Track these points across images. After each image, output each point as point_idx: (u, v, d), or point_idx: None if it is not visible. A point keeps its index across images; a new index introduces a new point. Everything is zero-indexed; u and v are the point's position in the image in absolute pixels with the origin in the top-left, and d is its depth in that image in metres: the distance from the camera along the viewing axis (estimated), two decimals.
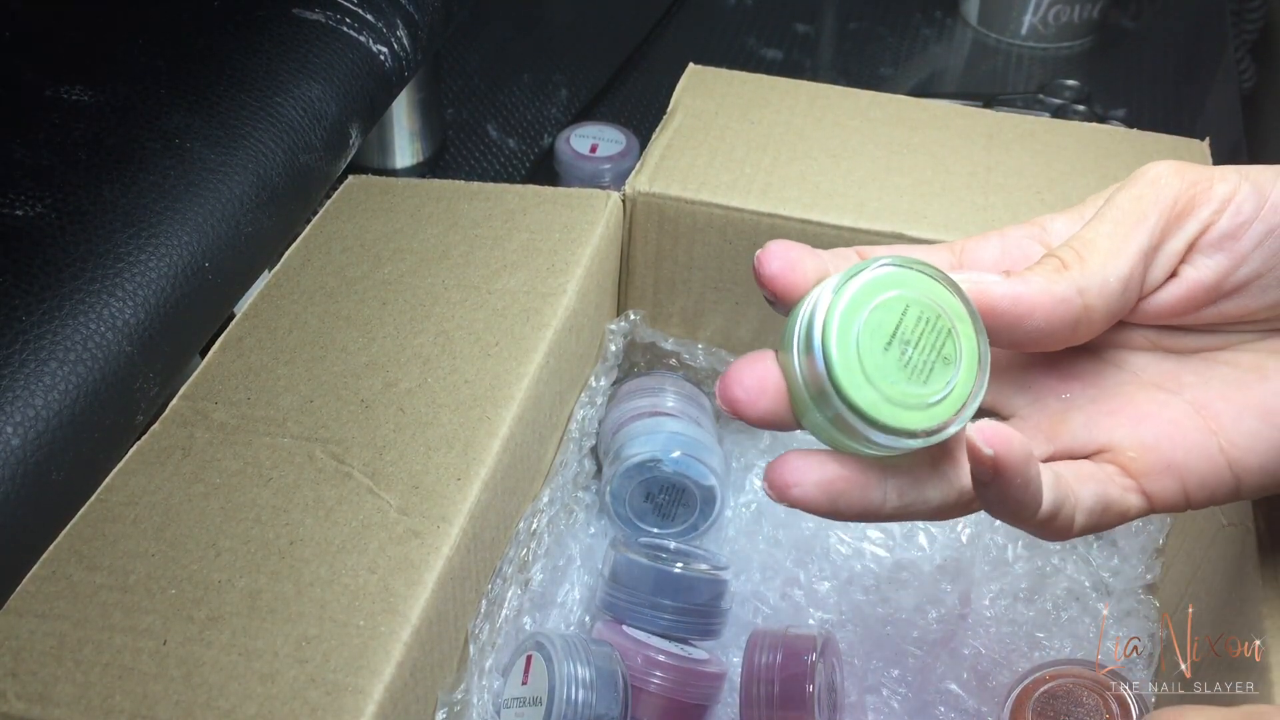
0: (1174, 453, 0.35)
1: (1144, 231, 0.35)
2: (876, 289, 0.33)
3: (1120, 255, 0.35)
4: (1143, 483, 0.36)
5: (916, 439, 0.33)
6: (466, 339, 0.50)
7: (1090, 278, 0.34)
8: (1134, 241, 0.35)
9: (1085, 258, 0.35)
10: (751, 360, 0.34)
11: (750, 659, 0.49)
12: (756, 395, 0.34)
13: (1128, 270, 0.35)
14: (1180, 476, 0.35)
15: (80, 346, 0.41)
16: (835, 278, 0.34)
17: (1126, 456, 0.36)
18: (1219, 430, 0.35)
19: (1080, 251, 0.35)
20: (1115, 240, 0.35)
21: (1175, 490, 0.36)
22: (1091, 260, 0.35)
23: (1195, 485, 0.35)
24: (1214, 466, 0.35)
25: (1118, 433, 0.36)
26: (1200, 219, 0.35)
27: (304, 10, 0.56)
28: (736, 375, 0.34)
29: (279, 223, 0.51)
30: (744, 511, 0.59)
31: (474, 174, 0.86)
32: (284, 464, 0.45)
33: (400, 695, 0.39)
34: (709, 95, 0.64)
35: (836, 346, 0.32)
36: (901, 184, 0.58)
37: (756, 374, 0.34)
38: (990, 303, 0.34)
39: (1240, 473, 0.35)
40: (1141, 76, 0.99)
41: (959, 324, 0.33)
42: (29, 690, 0.37)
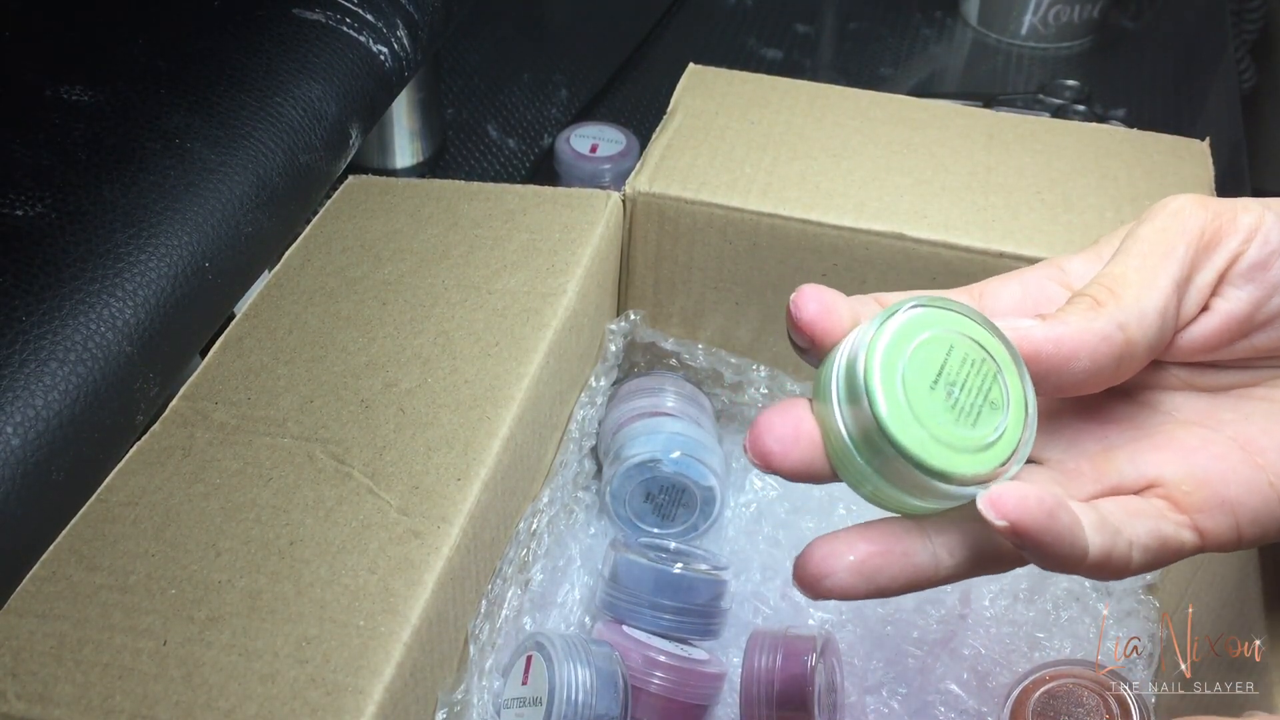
0: (1227, 488, 0.34)
1: (1174, 263, 0.34)
2: (917, 328, 0.32)
3: (1153, 288, 0.34)
4: (1196, 519, 0.34)
5: (969, 486, 0.31)
6: (466, 339, 0.50)
7: (1128, 311, 0.33)
8: (1165, 274, 0.34)
9: (1119, 293, 0.34)
10: (783, 408, 0.33)
11: (750, 659, 0.49)
12: (790, 445, 0.32)
13: (1163, 302, 0.34)
14: (1234, 512, 0.34)
15: (80, 346, 0.41)
16: (870, 321, 0.32)
17: (1180, 491, 0.34)
18: (1266, 465, 0.34)
19: (1112, 288, 0.34)
20: (1145, 274, 0.34)
21: (1229, 526, 0.34)
22: (1125, 295, 0.34)
23: (1248, 521, 0.34)
24: (1266, 502, 0.34)
25: (1167, 468, 0.35)
26: (1229, 250, 0.35)
27: (304, 10, 0.56)
28: (768, 424, 0.32)
29: (279, 223, 0.51)
30: (744, 511, 0.59)
31: (474, 174, 0.86)
32: (284, 464, 0.45)
33: (400, 695, 0.39)
34: (709, 95, 0.64)
35: (882, 388, 0.31)
36: (901, 184, 0.58)
37: (790, 422, 0.32)
38: (1034, 348, 0.33)
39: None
40: (1141, 76, 0.99)
41: (1003, 366, 0.32)
42: (29, 690, 0.37)
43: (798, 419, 0.33)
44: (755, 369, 0.60)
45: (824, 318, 0.33)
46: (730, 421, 0.63)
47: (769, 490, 0.59)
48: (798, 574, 0.32)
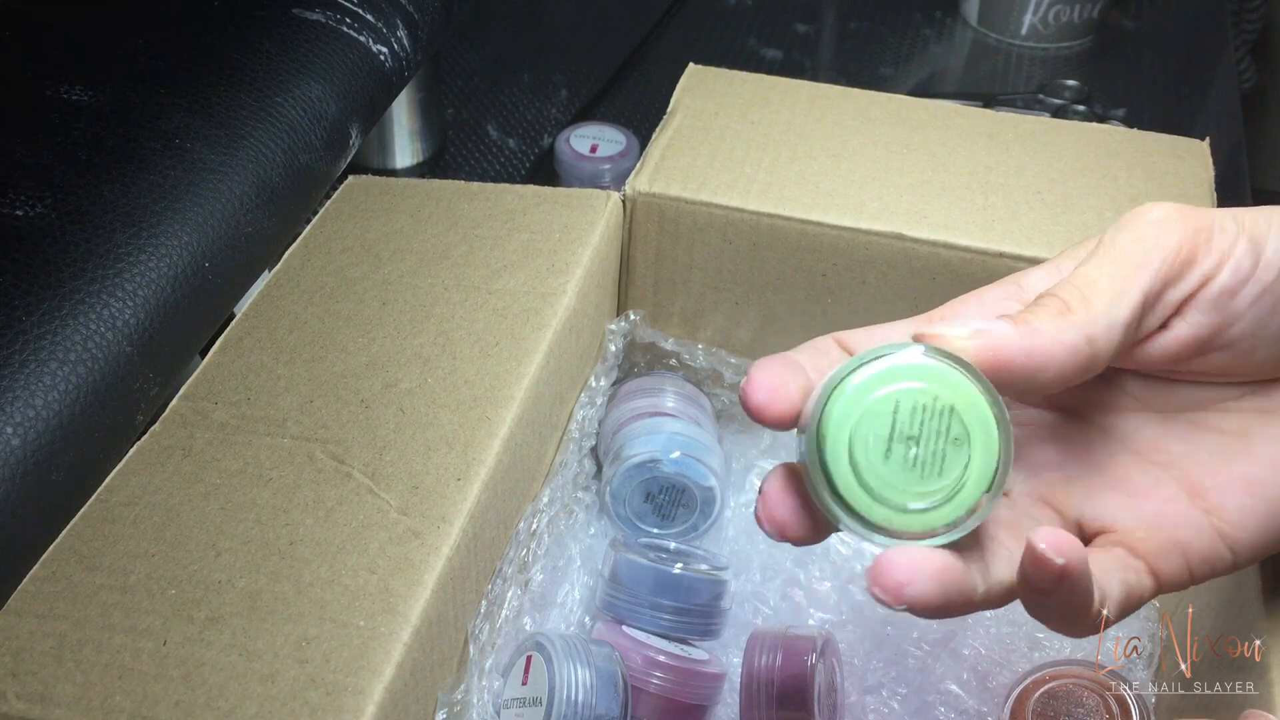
0: (1178, 531, 0.35)
1: (1147, 276, 0.34)
2: (860, 396, 0.32)
3: (1123, 299, 0.34)
4: (1151, 563, 0.35)
5: (955, 530, 0.32)
6: (466, 339, 0.50)
7: (1096, 323, 0.33)
8: (1137, 285, 0.34)
9: (1089, 300, 0.33)
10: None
11: (750, 659, 0.49)
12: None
13: (1130, 315, 0.34)
14: (1185, 555, 0.35)
15: (80, 346, 0.41)
16: (817, 396, 0.33)
17: (1134, 537, 0.35)
18: (1211, 509, 0.35)
19: (1084, 293, 0.34)
20: (1118, 283, 0.34)
21: (1181, 568, 0.35)
22: (1095, 304, 0.33)
23: (1198, 562, 0.35)
24: (1213, 544, 0.35)
25: (1122, 513, 0.36)
26: (1201, 272, 0.34)
27: (304, 10, 0.56)
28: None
29: (279, 223, 0.51)
30: (744, 511, 0.59)
31: (474, 174, 0.86)
32: (284, 464, 0.45)
33: (400, 695, 0.39)
34: (709, 95, 0.64)
35: (837, 477, 0.32)
36: (901, 184, 0.58)
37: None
38: (1007, 356, 0.32)
39: (1234, 547, 0.35)
40: (1141, 76, 0.99)
41: (958, 397, 0.32)
42: (29, 690, 0.37)
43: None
44: None
45: (773, 403, 0.33)
46: (730, 421, 0.63)
47: None
48: (879, 581, 0.32)
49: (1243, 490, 0.35)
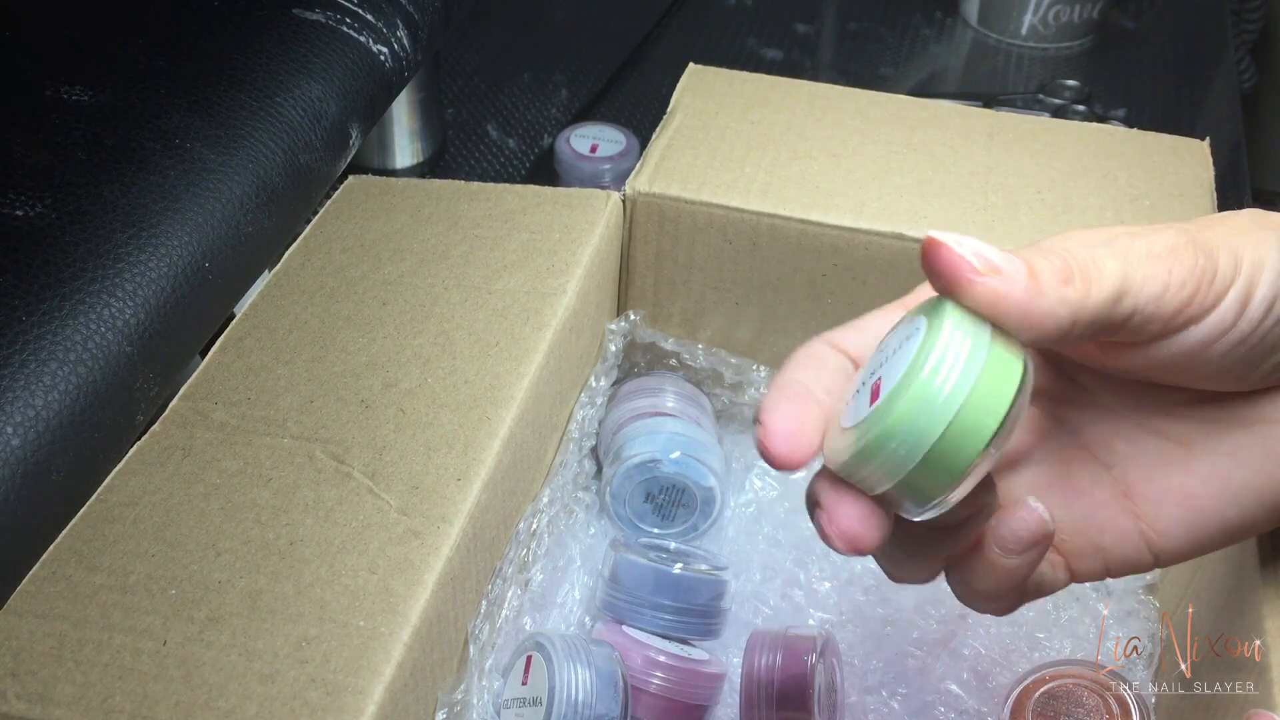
0: (1101, 537, 0.36)
1: (1147, 289, 0.32)
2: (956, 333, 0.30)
3: (1119, 301, 0.32)
4: (1070, 560, 0.36)
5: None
6: (466, 339, 0.50)
7: (1086, 309, 0.31)
8: (1133, 293, 0.32)
9: (1092, 282, 0.31)
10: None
11: (750, 659, 0.49)
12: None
13: (1117, 318, 0.32)
14: (1104, 558, 0.36)
15: (80, 346, 0.41)
16: (930, 341, 0.30)
17: (1059, 538, 0.36)
18: (1141, 515, 0.36)
19: (1091, 272, 0.32)
20: (1125, 281, 0.32)
21: (1098, 568, 0.37)
22: (1095, 292, 0.31)
23: (1116, 563, 0.36)
24: (1136, 550, 0.36)
25: (1055, 510, 0.35)
26: (1188, 314, 0.33)
27: (304, 10, 0.56)
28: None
29: (279, 223, 0.51)
30: (744, 511, 0.59)
31: (474, 174, 0.86)
32: (284, 464, 0.45)
33: (400, 695, 0.39)
34: (709, 95, 0.64)
35: (980, 445, 0.29)
36: (901, 184, 0.58)
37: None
38: (1003, 307, 0.30)
39: (1158, 553, 0.36)
40: (1141, 76, 0.99)
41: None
42: (29, 690, 0.37)
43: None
44: (755, 369, 0.60)
45: (795, 451, 0.31)
46: (730, 421, 0.63)
47: (769, 490, 0.59)
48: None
49: (1175, 502, 0.35)
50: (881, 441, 0.30)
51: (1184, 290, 0.32)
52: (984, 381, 0.29)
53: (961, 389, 0.29)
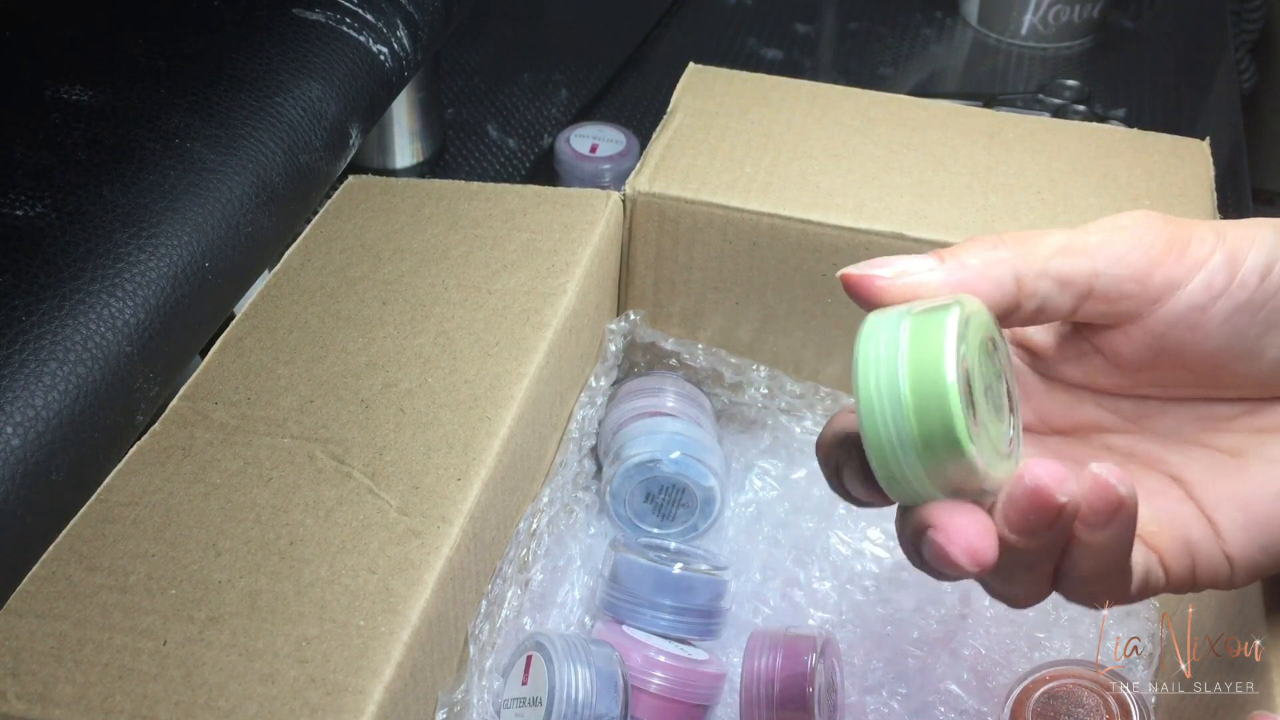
0: (1188, 530, 0.34)
1: (1103, 253, 0.34)
2: (966, 331, 0.30)
3: (1068, 257, 0.33)
4: (1164, 557, 0.34)
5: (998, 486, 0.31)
6: (466, 339, 0.50)
7: (1029, 265, 0.33)
8: (1087, 254, 0.33)
9: (1028, 243, 0.33)
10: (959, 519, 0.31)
11: (750, 659, 0.49)
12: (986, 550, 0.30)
13: (1068, 272, 0.33)
14: (1193, 556, 0.34)
15: (80, 346, 0.41)
16: (914, 319, 0.30)
17: (1149, 530, 0.34)
18: (1209, 520, 0.35)
19: (1026, 237, 0.34)
20: (1070, 242, 0.33)
21: (1188, 569, 0.34)
22: (1035, 248, 0.33)
23: (1202, 566, 0.34)
24: (1215, 551, 0.34)
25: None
26: (1167, 276, 0.34)
27: (304, 10, 0.56)
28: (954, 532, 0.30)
29: (279, 223, 0.51)
30: (744, 511, 0.59)
31: (474, 174, 0.86)
32: (284, 464, 0.45)
33: (400, 695, 0.39)
34: (709, 95, 0.64)
35: (958, 401, 0.29)
36: (901, 184, 0.58)
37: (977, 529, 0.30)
38: (931, 294, 0.32)
39: (1231, 562, 0.35)
40: (1141, 76, 0.99)
41: (1005, 365, 0.32)
42: (29, 690, 0.37)
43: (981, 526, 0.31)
44: (755, 369, 0.60)
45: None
46: (730, 421, 0.63)
47: (769, 490, 0.59)
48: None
49: (1235, 505, 0.35)
50: (878, 450, 0.30)
51: (1153, 250, 0.33)
52: (914, 343, 0.29)
53: (895, 358, 0.30)
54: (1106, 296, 0.34)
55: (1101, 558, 0.32)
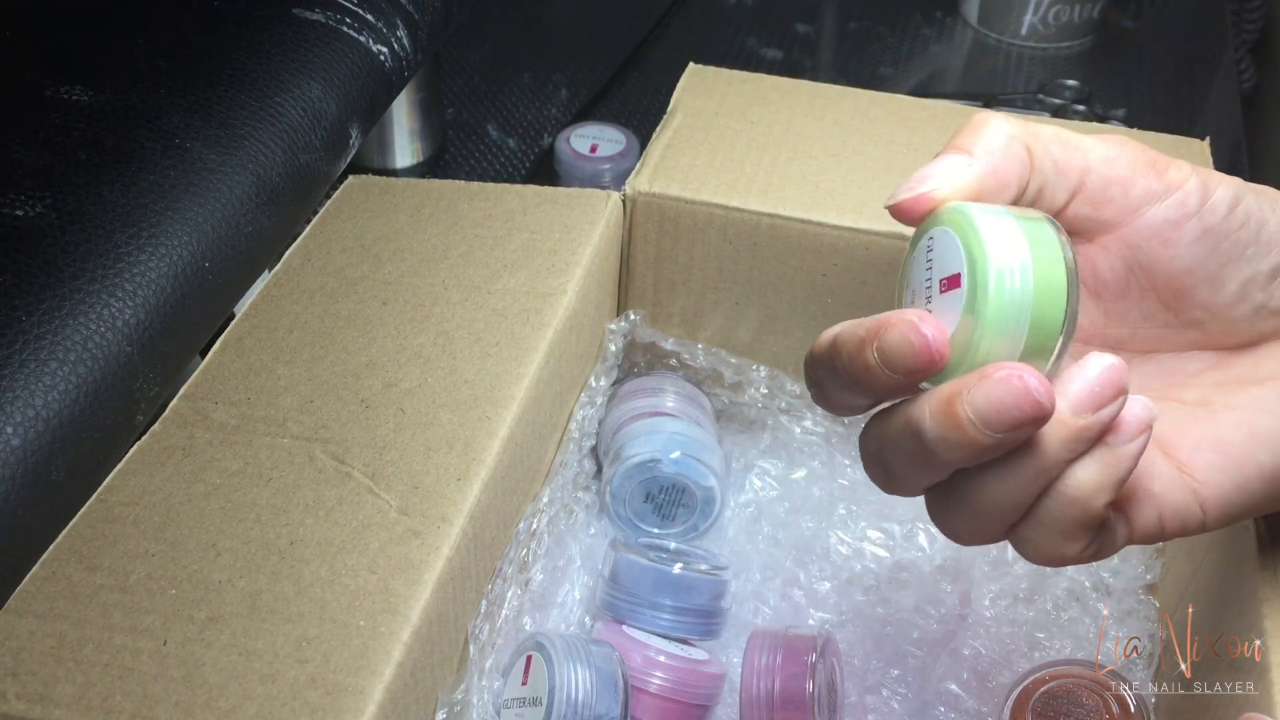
0: (1152, 482, 0.36)
1: (1095, 145, 0.37)
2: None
3: (1069, 141, 0.37)
4: (1126, 510, 0.36)
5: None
6: (466, 339, 0.50)
7: (1039, 132, 0.37)
8: (1078, 140, 0.37)
9: (1035, 127, 0.37)
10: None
11: (750, 659, 0.49)
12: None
13: (1064, 157, 0.37)
14: (1157, 505, 0.36)
15: (80, 346, 0.41)
16: (1017, 220, 0.34)
17: None
18: (1182, 465, 0.36)
19: (1033, 123, 0.37)
20: (1065, 132, 0.37)
21: (1153, 519, 0.36)
22: (1041, 128, 0.37)
23: (1169, 515, 0.36)
24: (1184, 498, 0.36)
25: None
26: (1147, 187, 0.37)
27: (304, 10, 0.56)
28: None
29: (279, 223, 0.51)
30: (744, 511, 0.59)
31: (474, 174, 0.86)
32: (284, 464, 0.45)
33: (400, 695, 0.39)
34: (709, 95, 0.64)
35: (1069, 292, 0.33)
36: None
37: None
38: (975, 191, 0.36)
39: (1204, 504, 0.36)
40: (1141, 76, 0.99)
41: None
42: (29, 690, 0.37)
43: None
44: (755, 369, 0.60)
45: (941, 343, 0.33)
46: (730, 421, 0.63)
47: (769, 490, 0.59)
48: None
49: (1210, 448, 0.36)
50: (996, 314, 0.32)
51: (1138, 161, 0.37)
52: (1031, 235, 0.33)
53: (1023, 245, 0.33)
54: (1092, 198, 0.37)
55: (1113, 472, 0.33)
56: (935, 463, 0.33)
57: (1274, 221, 0.37)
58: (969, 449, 0.32)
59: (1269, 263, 0.37)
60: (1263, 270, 0.37)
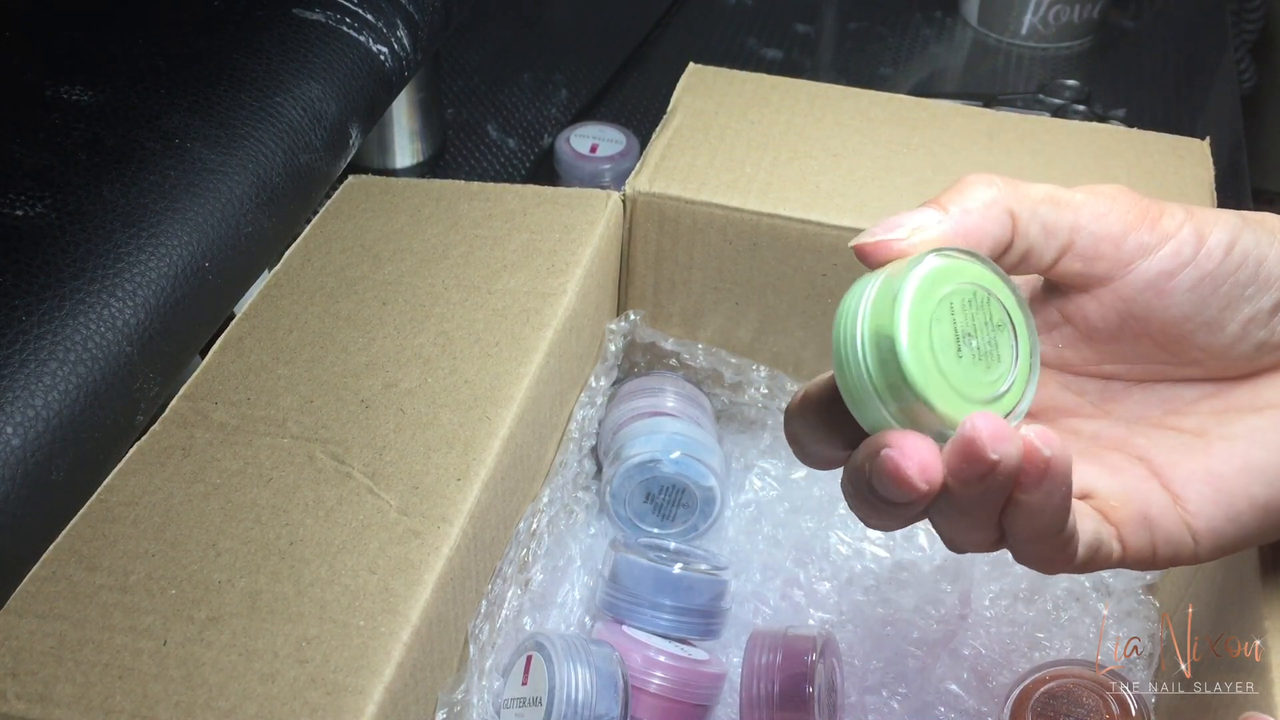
0: (1148, 507, 0.36)
1: (1086, 204, 0.36)
2: (939, 280, 0.33)
3: (1056, 200, 0.36)
4: (1122, 531, 0.36)
5: (1018, 414, 0.33)
6: (466, 339, 0.50)
7: (1022, 201, 0.35)
8: (1070, 199, 0.36)
9: (1019, 185, 0.36)
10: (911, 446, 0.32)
11: (750, 659, 0.49)
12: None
13: (1053, 220, 0.36)
14: (1151, 531, 0.36)
15: (80, 346, 0.41)
16: (894, 271, 0.33)
17: (1109, 505, 0.36)
18: (1175, 496, 0.36)
19: (1016, 181, 0.36)
20: (1055, 191, 0.36)
21: (1147, 543, 0.36)
22: (1027, 190, 0.36)
23: (1162, 541, 0.36)
24: (1178, 527, 0.36)
25: (1099, 481, 0.36)
26: (1140, 241, 0.36)
27: (304, 10, 0.56)
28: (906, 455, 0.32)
29: (279, 223, 0.51)
30: (744, 511, 0.59)
31: (474, 174, 0.86)
32: (284, 464, 0.45)
33: (400, 695, 0.39)
34: (709, 95, 0.64)
35: (930, 389, 0.31)
36: (901, 184, 0.58)
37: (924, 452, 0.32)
38: (944, 243, 0.34)
39: (1196, 536, 0.36)
40: (1141, 76, 0.99)
41: (991, 285, 0.34)
42: (29, 690, 0.37)
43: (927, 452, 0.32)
44: (755, 369, 0.60)
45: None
46: (730, 421, 0.63)
47: (769, 490, 0.59)
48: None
49: (1203, 480, 0.36)
50: (841, 384, 0.33)
51: (1129, 215, 0.36)
52: (880, 293, 0.32)
53: (864, 299, 0.33)
54: (1083, 254, 0.36)
55: (1036, 519, 0.33)
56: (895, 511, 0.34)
57: (1273, 255, 0.36)
58: (900, 503, 0.33)
59: (1270, 299, 0.36)
60: (1264, 308, 0.36)
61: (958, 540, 0.35)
